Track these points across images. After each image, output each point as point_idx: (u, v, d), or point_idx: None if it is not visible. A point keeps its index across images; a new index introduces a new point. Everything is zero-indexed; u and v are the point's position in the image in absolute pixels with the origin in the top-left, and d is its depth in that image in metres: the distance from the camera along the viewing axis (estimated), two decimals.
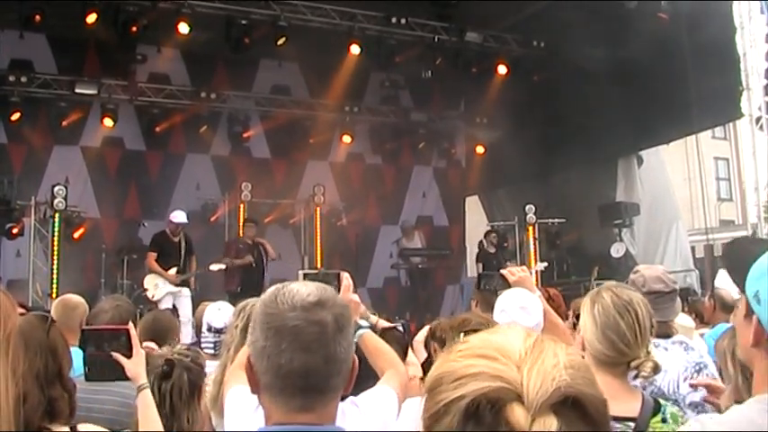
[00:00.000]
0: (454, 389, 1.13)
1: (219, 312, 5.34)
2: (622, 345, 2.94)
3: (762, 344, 1.90)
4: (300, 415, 1.90)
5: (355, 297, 3.31)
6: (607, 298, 3.04)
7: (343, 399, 2.69)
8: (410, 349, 4.61)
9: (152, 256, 13.28)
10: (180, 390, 3.18)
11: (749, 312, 1.92)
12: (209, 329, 5.37)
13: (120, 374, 3.29)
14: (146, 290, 13.18)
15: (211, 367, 4.69)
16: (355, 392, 2.78)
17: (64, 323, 4.46)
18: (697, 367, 4.02)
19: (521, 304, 4.40)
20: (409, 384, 3.10)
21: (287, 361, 1.86)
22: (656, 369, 2.94)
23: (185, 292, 13.03)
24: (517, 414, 1.08)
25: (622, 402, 2.91)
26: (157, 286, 13.09)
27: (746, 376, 2.79)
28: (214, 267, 13.59)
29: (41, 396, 2.76)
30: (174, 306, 12.76)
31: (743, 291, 1.96)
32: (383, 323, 4.49)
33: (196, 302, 10.07)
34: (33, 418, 2.67)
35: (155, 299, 12.98)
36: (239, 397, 2.60)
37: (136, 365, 3.40)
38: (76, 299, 5.13)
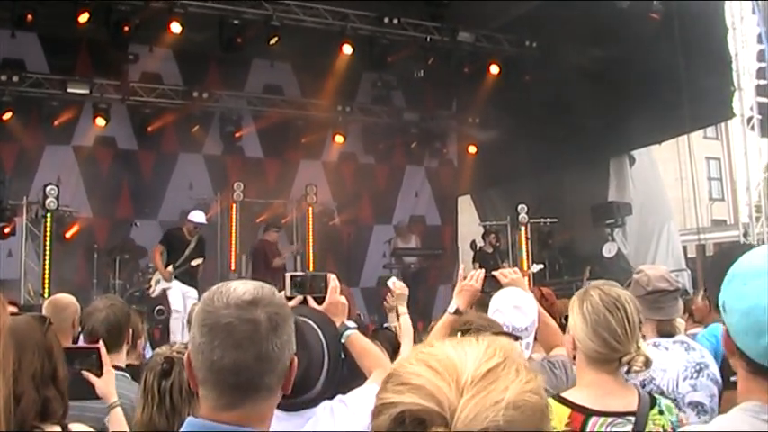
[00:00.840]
0: (394, 393, 1.13)
1: None
2: (614, 341, 2.97)
3: (735, 353, 1.89)
4: (226, 413, 1.90)
5: (342, 299, 3.31)
6: (595, 296, 3.07)
7: (332, 397, 2.71)
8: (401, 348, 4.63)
9: (157, 249, 13.43)
10: (180, 387, 3.18)
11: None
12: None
13: (90, 393, 3.28)
14: (150, 285, 13.38)
15: None
16: (343, 392, 2.80)
17: (55, 323, 4.45)
18: (697, 367, 4.04)
19: (515, 303, 4.42)
20: None
21: (218, 357, 1.88)
22: (648, 363, 2.98)
23: (192, 293, 13.00)
24: None
25: (619, 397, 2.97)
26: (158, 282, 13.24)
27: None
28: (194, 263, 13.59)
29: (36, 396, 2.77)
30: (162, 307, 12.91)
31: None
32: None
33: None
34: (27, 418, 2.68)
35: (153, 294, 13.23)
36: None
37: (106, 384, 3.40)
38: (67, 299, 5.11)
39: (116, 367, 3.96)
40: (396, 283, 5.60)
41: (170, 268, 13.13)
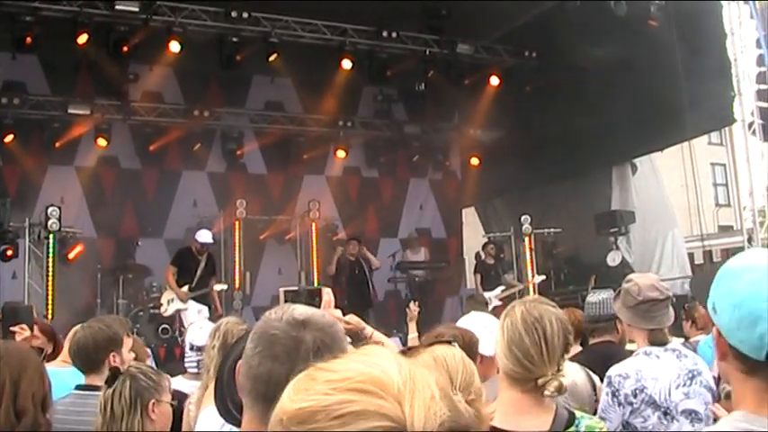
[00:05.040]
0: (336, 427, 1.07)
1: (201, 331, 5.36)
2: (526, 361, 2.92)
3: (728, 355, 1.88)
4: (263, 425, 1.90)
5: (337, 312, 3.29)
6: (517, 313, 3.03)
7: None
8: None
9: (170, 270, 13.48)
10: (120, 395, 3.18)
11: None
12: (192, 348, 5.39)
13: None
14: (161, 305, 13.37)
15: (194, 388, 4.68)
16: None
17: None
18: (690, 374, 4.01)
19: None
20: None
21: (255, 364, 1.93)
22: (560, 389, 2.89)
23: (205, 311, 13.04)
24: None
25: (533, 417, 2.91)
26: (171, 302, 13.25)
27: None
28: (217, 287, 13.68)
29: (35, 415, 2.83)
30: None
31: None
32: (379, 336, 4.51)
33: None
34: None
35: (166, 314, 13.24)
36: (208, 416, 2.60)
37: None
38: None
39: (91, 387, 3.98)
40: (411, 306, 6.33)
41: (185, 289, 13.18)
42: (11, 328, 5.08)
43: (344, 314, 3.18)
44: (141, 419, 3.18)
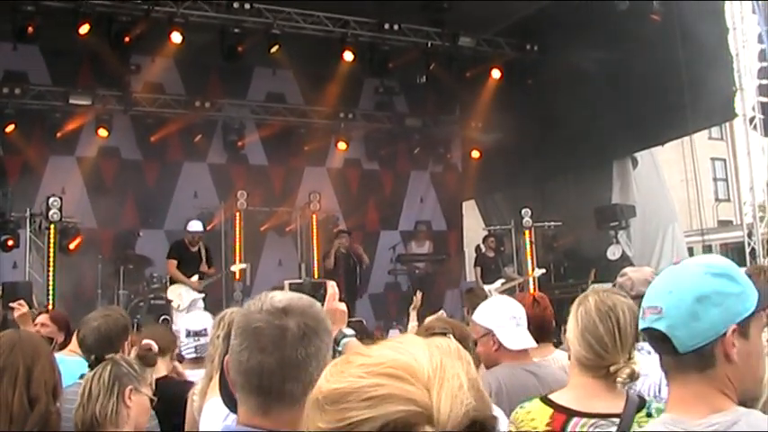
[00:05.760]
0: (365, 408, 1.12)
1: (195, 316, 5.40)
2: (600, 348, 2.96)
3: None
4: (257, 418, 1.97)
5: (342, 306, 3.31)
6: (591, 302, 3.07)
7: None
8: None
9: (172, 263, 13.43)
10: (99, 377, 3.21)
11: None
12: (188, 334, 5.43)
13: None
14: (170, 301, 13.25)
15: (194, 376, 4.72)
16: None
17: None
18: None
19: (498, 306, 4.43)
20: None
21: (245, 359, 1.96)
22: (633, 376, 2.95)
23: (200, 302, 13.07)
24: None
25: (605, 400, 2.95)
26: (181, 296, 13.19)
27: None
28: (234, 268, 13.66)
29: (48, 402, 2.87)
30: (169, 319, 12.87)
31: None
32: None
33: None
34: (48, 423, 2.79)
35: (180, 309, 13.02)
36: (213, 407, 2.62)
37: None
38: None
39: None
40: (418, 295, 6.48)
41: (195, 278, 13.19)
42: (9, 304, 5.14)
43: None
44: (116, 403, 3.20)
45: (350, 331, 3.29)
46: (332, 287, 3.29)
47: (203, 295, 13.28)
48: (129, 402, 3.27)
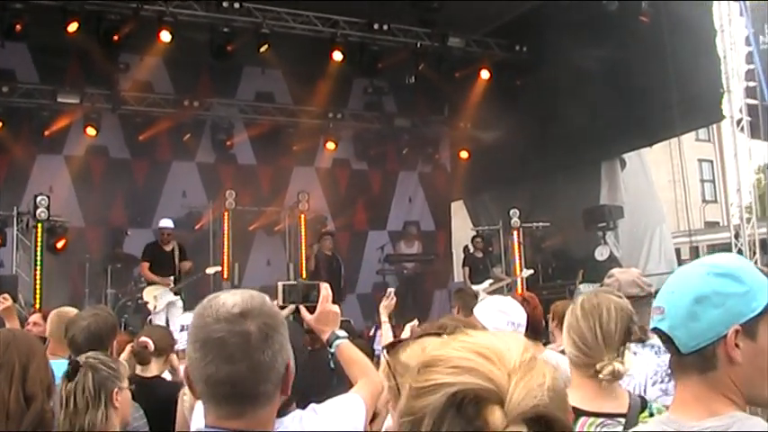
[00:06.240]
0: (448, 374, 1.21)
1: (189, 313, 5.40)
2: (582, 345, 2.99)
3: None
4: (229, 421, 1.97)
5: (335, 308, 3.31)
6: (579, 301, 3.11)
7: (305, 406, 2.72)
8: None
9: (145, 266, 13.36)
10: (83, 389, 3.19)
11: None
12: (182, 329, 5.43)
13: None
14: (146, 303, 13.14)
15: None
16: (323, 400, 2.81)
17: (59, 335, 4.56)
18: (669, 371, 4.00)
19: (499, 308, 4.43)
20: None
21: (213, 372, 1.94)
22: (615, 374, 2.95)
23: (179, 302, 13.01)
24: (496, 415, 1.16)
25: (610, 400, 2.98)
26: (157, 297, 13.04)
27: None
28: (210, 270, 13.64)
29: (43, 400, 2.87)
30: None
31: None
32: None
33: None
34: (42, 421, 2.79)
35: (156, 310, 12.93)
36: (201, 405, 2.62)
37: None
38: (73, 311, 5.14)
39: None
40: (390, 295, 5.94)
41: (170, 279, 13.13)
42: None
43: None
44: (105, 410, 3.19)
45: (343, 333, 3.30)
46: (325, 289, 3.29)
47: (179, 297, 13.16)
48: (116, 404, 3.28)
